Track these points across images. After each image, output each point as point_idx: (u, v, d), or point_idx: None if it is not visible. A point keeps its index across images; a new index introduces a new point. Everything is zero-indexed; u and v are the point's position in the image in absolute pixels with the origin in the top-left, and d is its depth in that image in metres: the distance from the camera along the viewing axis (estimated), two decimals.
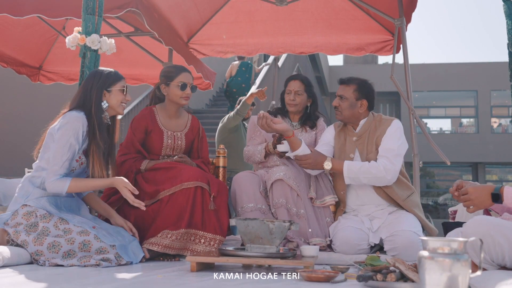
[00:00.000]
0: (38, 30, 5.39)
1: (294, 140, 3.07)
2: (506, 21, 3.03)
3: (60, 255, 2.46)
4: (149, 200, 2.96)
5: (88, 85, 2.80)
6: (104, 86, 2.79)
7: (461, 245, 1.55)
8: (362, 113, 3.17)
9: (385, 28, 4.98)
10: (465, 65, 20.49)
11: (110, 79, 2.81)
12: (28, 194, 2.65)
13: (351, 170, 3.00)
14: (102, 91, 2.77)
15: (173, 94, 3.22)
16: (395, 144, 3.03)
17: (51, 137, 2.70)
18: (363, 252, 2.93)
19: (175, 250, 2.83)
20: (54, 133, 2.69)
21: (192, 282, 2.08)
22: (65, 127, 2.65)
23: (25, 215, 2.58)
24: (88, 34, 3.26)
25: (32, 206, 2.60)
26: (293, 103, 3.41)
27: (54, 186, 2.62)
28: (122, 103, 2.84)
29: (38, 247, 2.48)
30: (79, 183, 2.67)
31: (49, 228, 2.53)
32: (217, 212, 2.94)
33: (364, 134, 3.13)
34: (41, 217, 2.56)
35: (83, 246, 2.48)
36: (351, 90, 3.14)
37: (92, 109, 2.73)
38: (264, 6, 5.01)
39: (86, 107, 2.74)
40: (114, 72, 2.87)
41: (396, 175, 3.01)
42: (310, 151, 3.08)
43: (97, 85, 2.78)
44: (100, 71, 2.84)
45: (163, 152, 3.25)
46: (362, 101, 3.14)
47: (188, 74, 3.26)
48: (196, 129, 3.40)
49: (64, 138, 2.63)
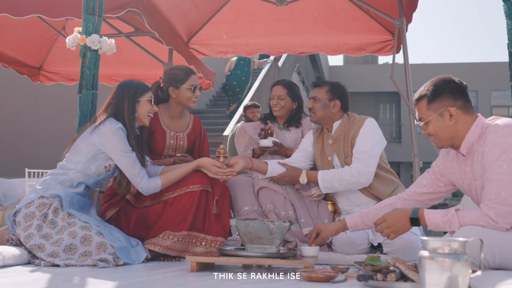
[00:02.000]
0: (38, 30, 5.39)
1: (258, 167, 3.09)
2: (506, 21, 3.03)
3: (61, 248, 2.48)
4: (152, 201, 2.96)
5: (119, 95, 2.87)
6: (135, 97, 2.86)
7: (461, 245, 1.55)
8: (336, 114, 3.19)
9: (385, 28, 4.99)
10: (465, 65, 20.50)
11: (139, 90, 2.89)
12: (49, 188, 2.70)
13: (325, 180, 3.06)
14: (133, 101, 2.85)
15: (183, 97, 3.23)
16: (368, 145, 3.04)
17: (86, 143, 2.75)
18: (364, 252, 2.94)
19: (176, 252, 2.83)
20: (92, 140, 2.74)
21: (192, 282, 2.08)
22: (114, 139, 2.73)
23: (39, 206, 2.61)
24: (88, 34, 3.26)
25: (48, 198, 2.63)
26: (276, 107, 3.52)
27: (149, 189, 2.81)
28: (149, 113, 2.91)
29: (42, 241, 2.50)
30: (169, 177, 2.86)
31: (57, 222, 2.58)
32: (219, 215, 2.95)
33: (339, 136, 3.16)
34: (52, 210, 2.60)
35: (84, 240, 2.52)
36: (324, 91, 3.19)
37: (126, 119, 2.82)
38: (264, 6, 5.01)
39: (120, 117, 2.82)
40: (142, 83, 2.96)
41: (371, 176, 3.03)
42: (282, 168, 3.11)
43: (128, 95, 2.86)
44: (130, 82, 2.93)
45: (165, 152, 3.27)
46: (335, 102, 3.17)
47: (196, 77, 3.31)
48: (198, 130, 3.42)
49: (122, 150, 2.75)
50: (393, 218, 2.24)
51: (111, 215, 2.99)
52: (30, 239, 2.51)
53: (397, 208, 2.32)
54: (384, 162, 3.17)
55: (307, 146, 3.27)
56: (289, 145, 3.51)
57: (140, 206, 3.00)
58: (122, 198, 3.02)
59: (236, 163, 2.98)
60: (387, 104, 21.90)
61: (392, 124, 21.68)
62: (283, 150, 3.42)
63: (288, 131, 3.56)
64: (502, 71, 16.56)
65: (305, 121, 3.60)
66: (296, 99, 3.57)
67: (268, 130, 3.41)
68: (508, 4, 3.02)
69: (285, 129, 3.58)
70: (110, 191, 3.07)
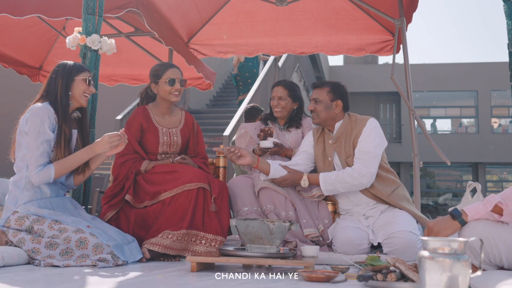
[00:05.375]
0: (38, 30, 5.39)
1: (261, 168, 3.11)
2: (506, 21, 3.03)
3: (57, 252, 2.47)
4: (150, 201, 2.97)
5: (52, 76, 2.84)
6: (69, 76, 2.82)
7: (461, 245, 1.55)
8: (338, 114, 3.19)
9: (385, 28, 4.98)
10: (465, 65, 20.49)
11: (75, 69, 2.86)
12: (16, 200, 2.65)
13: (327, 183, 3.06)
14: (68, 80, 2.81)
15: (163, 91, 3.23)
16: (370, 145, 3.04)
17: (20, 134, 2.71)
18: (364, 252, 2.94)
19: (176, 251, 2.83)
20: (23, 129, 2.70)
21: (192, 282, 2.08)
22: (32, 119, 2.66)
23: (17, 221, 2.57)
24: (88, 34, 3.26)
25: (22, 212, 2.59)
26: (277, 108, 3.51)
27: (40, 177, 2.62)
28: (84, 93, 2.86)
29: (35, 245, 2.48)
30: (62, 164, 2.68)
31: (43, 229, 2.53)
32: (218, 213, 2.95)
33: (341, 136, 3.16)
34: (34, 220, 2.56)
35: (79, 243, 2.48)
36: (325, 92, 3.19)
37: (57, 97, 2.76)
38: (264, 6, 5.01)
39: (50, 97, 2.77)
40: (79, 64, 2.93)
41: (373, 177, 3.03)
42: (284, 171, 3.13)
43: (61, 74, 2.82)
44: (65, 62, 2.89)
45: (160, 149, 3.25)
46: (337, 102, 3.17)
47: (176, 70, 3.28)
48: (191, 125, 3.41)
49: (34, 129, 2.64)
50: (435, 221, 2.19)
51: (111, 216, 3.00)
52: (23, 244, 2.50)
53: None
54: (385, 162, 3.17)
55: (307, 147, 3.27)
56: (289, 145, 3.51)
57: (139, 206, 3.01)
58: (122, 199, 3.03)
59: (245, 156, 3.00)
60: (387, 104, 21.89)
61: (392, 124, 21.68)
62: (284, 151, 3.42)
63: (289, 132, 3.56)
64: (502, 71, 16.59)
65: (306, 122, 3.60)
66: (297, 99, 3.57)
67: (267, 131, 3.41)
68: (508, 4, 3.02)
69: (286, 130, 3.57)
70: (110, 193, 3.07)
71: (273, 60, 10.38)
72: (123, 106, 9.46)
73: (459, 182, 22.55)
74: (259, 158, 3.10)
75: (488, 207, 2.10)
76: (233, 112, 9.64)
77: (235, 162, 3.02)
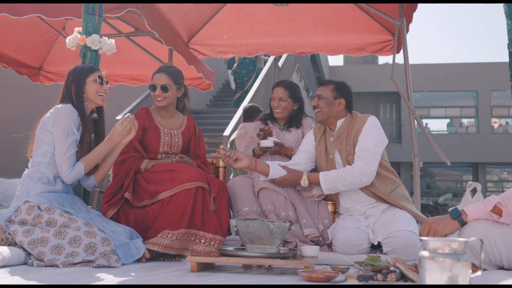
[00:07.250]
0: (38, 30, 5.38)
1: (260, 169, 3.12)
2: (506, 21, 3.03)
3: (66, 241, 2.48)
4: (149, 200, 2.97)
5: (67, 81, 2.90)
6: (80, 79, 2.87)
7: (461, 245, 1.55)
8: (340, 112, 3.20)
9: (385, 28, 4.98)
10: (465, 65, 20.50)
11: (84, 71, 2.90)
12: (29, 190, 2.69)
13: (327, 181, 3.07)
14: (79, 83, 2.86)
15: (153, 97, 3.31)
16: (370, 143, 3.04)
17: (43, 132, 2.75)
18: (364, 252, 2.94)
19: (175, 250, 2.84)
20: (46, 127, 2.74)
21: (192, 282, 2.08)
22: (60, 120, 2.72)
23: (28, 210, 2.61)
24: (88, 34, 3.26)
25: (34, 201, 2.63)
26: (277, 109, 3.52)
27: (73, 176, 2.74)
28: (98, 93, 2.90)
29: (44, 234, 2.50)
30: (88, 159, 2.79)
31: (55, 218, 2.57)
32: (217, 212, 2.95)
33: (342, 134, 3.17)
34: (45, 209, 2.60)
35: (88, 233, 2.52)
36: (329, 89, 3.21)
37: (73, 101, 2.83)
38: (264, 7, 5.01)
39: (69, 101, 2.83)
40: (89, 65, 2.97)
41: (373, 175, 3.03)
42: (283, 171, 3.13)
43: (72, 78, 2.88)
44: (76, 67, 2.94)
45: (161, 149, 3.27)
46: (340, 100, 3.18)
47: (159, 75, 3.31)
48: (192, 128, 3.45)
49: (64, 130, 2.71)
50: (434, 218, 2.19)
51: (111, 215, 3.00)
52: (34, 246, 2.50)
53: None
54: (386, 161, 3.17)
55: (307, 147, 3.27)
56: (289, 145, 3.51)
57: (139, 205, 3.01)
58: (121, 198, 3.03)
59: (241, 159, 3.01)
60: (387, 104, 21.90)
61: (392, 124, 21.69)
62: (284, 150, 3.42)
63: (289, 132, 3.56)
64: (502, 71, 16.58)
65: (306, 122, 3.60)
66: (297, 100, 3.57)
67: (267, 130, 3.41)
68: (508, 4, 3.02)
69: (286, 130, 3.58)
70: (110, 191, 3.08)
71: (273, 60, 10.38)
72: (123, 106, 9.45)
73: (459, 182, 22.57)
74: (257, 160, 3.10)
75: (488, 207, 2.10)
76: (233, 112, 9.64)
77: (233, 166, 3.02)
